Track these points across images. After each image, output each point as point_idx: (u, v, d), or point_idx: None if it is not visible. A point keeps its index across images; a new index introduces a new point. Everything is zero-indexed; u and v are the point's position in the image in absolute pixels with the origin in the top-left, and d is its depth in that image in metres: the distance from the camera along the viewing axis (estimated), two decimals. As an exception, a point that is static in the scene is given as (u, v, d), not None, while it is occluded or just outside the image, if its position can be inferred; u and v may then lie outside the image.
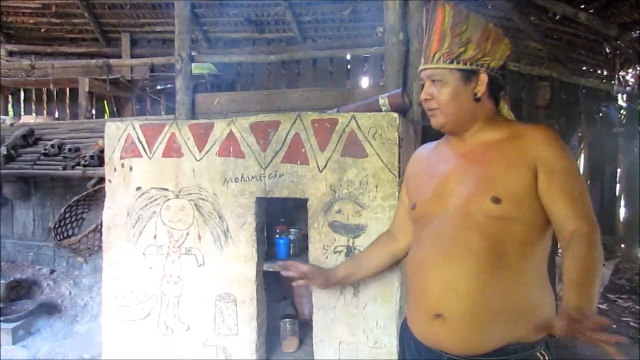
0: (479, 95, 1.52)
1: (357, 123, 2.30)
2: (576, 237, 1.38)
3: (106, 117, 6.60)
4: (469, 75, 1.52)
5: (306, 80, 6.12)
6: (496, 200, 1.41)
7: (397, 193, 2.24)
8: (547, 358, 1.43)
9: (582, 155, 6.15)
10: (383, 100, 2.54)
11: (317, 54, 5.58)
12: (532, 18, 5.20)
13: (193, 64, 3.79)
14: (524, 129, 1.50)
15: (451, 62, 1.51)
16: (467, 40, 1.50)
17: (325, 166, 2.35)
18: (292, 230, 2.80)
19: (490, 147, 1.52)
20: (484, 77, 1.52)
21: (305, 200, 2.40)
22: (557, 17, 5.12)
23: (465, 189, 1.48)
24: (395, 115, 2.29)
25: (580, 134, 6.05)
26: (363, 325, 2.35)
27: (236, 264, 2.51)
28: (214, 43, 6.67)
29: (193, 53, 3.82)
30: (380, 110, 2.51)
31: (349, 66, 6.22)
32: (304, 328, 2.91)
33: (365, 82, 6.13)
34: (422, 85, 1.61)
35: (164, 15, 6.48)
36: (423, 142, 3.32)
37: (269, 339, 2.70)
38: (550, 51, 5.49)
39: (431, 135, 3.49)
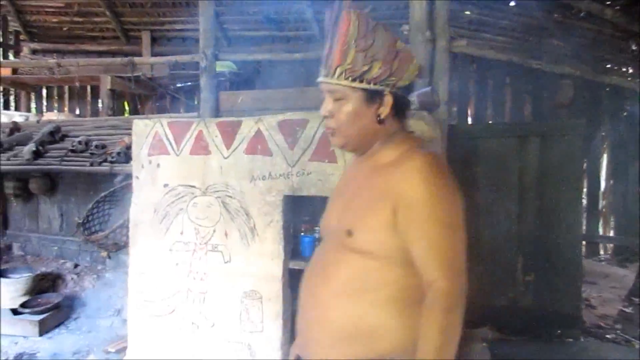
0: (382, 117, 1.39)
1: (386, 121, 2.29)
2: (431, 294, 1.27)
3: (126, 115, 6.67)
4: (373, 96, 1.38)
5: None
6: (349, 233, 1.37)
7: (426, 192, 2.23)
8: None
9: (605, 155, 6.07)
10: (412, 98, 2.52)
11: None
12: (556, 15, 5.14)
13: (215, 62, 3.81)
14: (403, 158, 1.36)
15: (354, 80, 1.37)
16: (372, 57, 1.36)
17: (354, 165, 2.34)
18: (317, 228, 2.80)
19: (374, 172, 1.42)
20: (388, 99, 1.38)
21: (333, 199, 2.40)
22: (581, 14, 5.06)
23: (340, 216, 1.45)
24: (424, 113, 2.28)
25: (603, 134, 5.97)
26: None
27: (262, 261, 2.52)
28: (234, 41, 6.69)
29: (217, 51, 3.84)
30: (409, 109, 2.50)
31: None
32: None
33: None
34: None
35: (184, 13, 6.52)
36: (450, 141, 3.33)
37: (294, 336, 2.71)
38: (573, 49, 5.42)
39: (458, 134, 3.48)
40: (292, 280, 2.61)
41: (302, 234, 2.75)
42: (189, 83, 6.34)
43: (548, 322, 3.39)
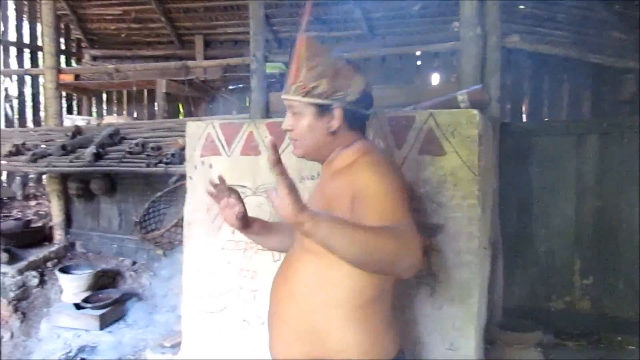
0: (332, 129, 1.51)
1: (435, 120, 2.26)
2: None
3: (181, 117, 6.86)
4: (324, 110, 1.50)
5: (375, 77, 6.08)
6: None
7: (476, 192, 2.19)
8: None
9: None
10: (462, 96, 2.49)
11: (387, 51, 5.54)
12: (617, 6, 4.92)
13: (265, 64, 3.87)
14: (356, 160, 1.46)
15: (305, 96, 1.50)
16: (319, 74, 1.49)
17: (402, 164, 2.32)
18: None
19: (332, 177, 1.52)
20: (338, 112, 1.50)
21: (381, 199, 2.39)
22: (645, 5, 4.82)
23: None
24: (475, 111, 2.23)
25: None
26: (439, 326, 2.31)
27: (311, 260, 2.54)
28: (284, 43, 6.76)
29: (266, 53, 3.90)
30: (459, 107, 2.46)
31: (418, 63, 6.13)
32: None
33: (435, 78, 6.03)
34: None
35: (235, 16, 6.65)
36: (502, 139, 3.25)
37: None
38: (636, 42, 5.17)
39: (511, 132, 3.40)
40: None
41: (351, 233, 2.75)
42: (240, 85, 6.45)
43: (607, 327, 3.25)
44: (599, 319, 3.26)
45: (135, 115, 7.64)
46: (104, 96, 7.88)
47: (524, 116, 5.84)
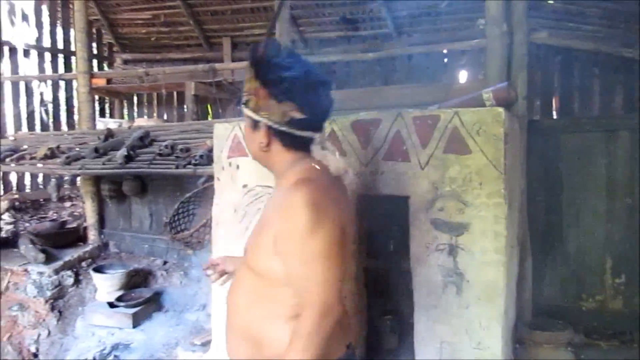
0: (262, 145, 1.55)
1: (460, 119, 2.26)
2: (299, 324, 1.41)
3: (209, 119, 6.96)
4: (255, 124, 1.55)
5: (401, 76, 6.07)
6: (245, 252, 1.59)
7: (502, 190, 2.18)
8: None
9: None
10: (487, 94, 2.47)
11: (414, 50, 5.51)
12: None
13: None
14: (291, 190, 1.44)
15: (244, 105, 1.56)
16: (249, 89, 1.53)
17: (427, 163, 2.32)
18: (393, 227, 2.80)
19: (273, 199, 1.58)
20: (263, 130, 1.53)
21: (407, 198, 2.39)
22: (680, -3, 4.68)
23: (250, 235, 1.64)
24: (500, 109, 2.22)
25: None
26: (465, 325, 2.30)
27: (337, 259, 2.55)
28: (310, 43, 6.80)
29: (292, 54, 3.92)
30: (484, 105, 2.45)
31: (445, 60, 6.08)
32: (403, 325, 2.90)
33: (462, 76, 5.98)
34: None
35: (262, 18, 6.71)
36: (529, 137, 3.21)
37: (368, 335, 2.73)
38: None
39: (537, 130, 3.35)
40: (368, 278, 2.64)
41: (378, 233, 2.76)
42: (267, 86, 6.50)
43: (640, 327, 3.18)
44: (631, 318, 3.18)
45: (165, 117, 7.78)
46: (135, 99, 8.05)
47: (554, 113, 5.73)
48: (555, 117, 5.63)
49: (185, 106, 6.91)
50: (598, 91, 5.53)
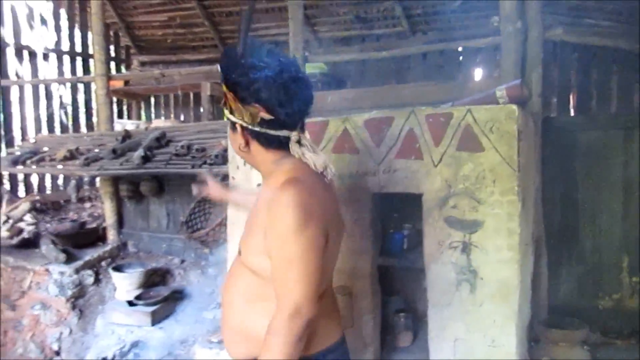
0: (242, 146, 1.59)
1: (473, 116, 2.26)
2: (272, 318, 1.46)
3: (224, 119, 7.00)
4: (234, 125, 1.60)
5: (416, 74, 6.06)
6: (240, 252, 1.63)
7: (516, 188, 2.18)
8: None
9: None
10: (500, 92, 2.46)
11: (428, 48, 5.49)
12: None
13: (306, 64, 3.92)
14: (279, 189, 1.47)
15: (223, 106, 1.62)
16: (223, 94, 1.58)
17: (440, 161, 2.33)
18: (406, 225, 2.81)
19: (263, 198, 1.57)
20: (239, 131, 1.57)
21: (420, 196, 2.40)
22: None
23: (242, 234, 1.67)
24: (514, 107, 2.21)
25: None
26: (480, 323, 2.30)
27: (351, 257, 2.57)
28: (324, 42, 6.81)
29: (306, 53, 3.95)
30: (497, 103, 2.44)
31: (460, 58, 6.06)
32: (417, 323, 2.91)
33: (478, 74, 5.95)
34: None
35: (277, 18, 6.74)
36: (544, 134, 3.19)
37: (383, 332, 2.74)
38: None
39: (553, 128, 3.33)
40: (380, 277, 2.65)
41: (391, 231, 2.77)
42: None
43: (659, 326, 3.14)
44: (649, 317, 3.16)
45: (181, 118, 7.86)
46: (152, 100, 8.15)
47: (571, 110, 5.68)
48: (572, 114, 5.58)
49: (201, 107, 6.97)
50: (616, 88, 5.46)
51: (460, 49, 5.96)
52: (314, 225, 1.45)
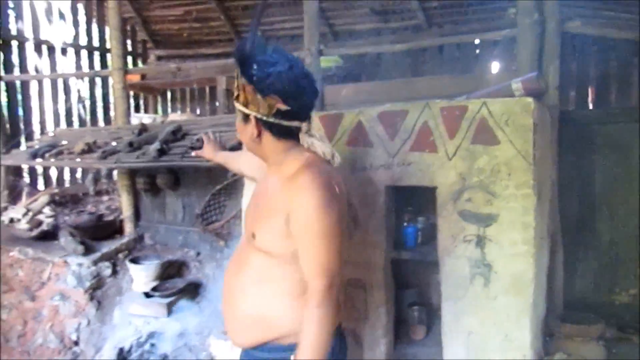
0: (253, 137, 1.67)
1: (488, 109, 2.25)
2: (308, 292, 1.58)
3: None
4: (246, 117, 1.67)
5: (432, 67, 6.02)
6: (253, 236, 1.68)
7: (531, 181, 2.16)
8: None
9: None
10: (516, 85, 2.44)
11: (445, 41, 5.45)
12: (692, -15, 4.61)
13: (321, 57, 3.92)
14: (296, 175, 1.59)
15: (235, 100, 1.68)
16: (240, 86, 1.64)
17: (454, 154, 2.32)
18: (420, 218, 2.81)
19: (276, 184, 1.67)
20: (253, 122, 1.65)
21: (434, 189, 2.40)
22: None
23: (250, 219, 1.78)
24: (530, 100, 2.20)
25: None
26: (493, 317, 2.30)
27: (365, 250, 2.58)
28: (340, 36, 6.80)
29: (321, 47, 3.95)
30: (513, 96, 2.42)
31: (477, 51, 6.00)
32: (431, 316, 2.91)
33: (494, 67, 5.89)
34: None
35: (293, 12, 6.73)
36: (561, 128, 3.16)
37: (396, 325, 2.74)
38: None
39: (570, 121, 3.29)
40: (394, 270, 2.65)
41: (405, 224, 2.77)
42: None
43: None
44: (666, 313, 3.12)
45: (197, 112, 7.90)
46: (169, 94, 8.20)
47: (589, 104, 5.60)
48: (591, 108, 5.50)
49: (216, 101, 7.01)
50: (637, 81, 5.37)
51: (476, 41, 5.91)
52: (336, 202, 1.59)
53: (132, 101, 7.45)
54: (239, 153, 2.48)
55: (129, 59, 7.62)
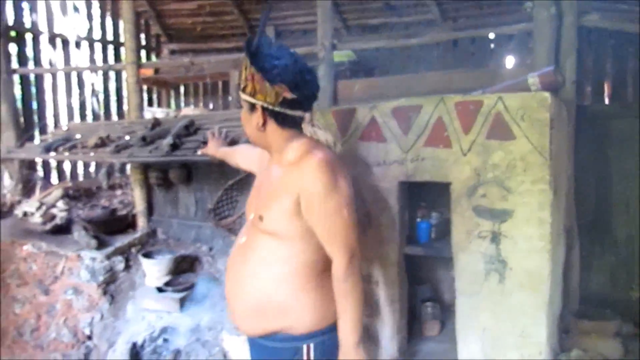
0: (259, 126, 1.76)
1: (503, 104, 2.22)
2: (333, 267, 1.68)
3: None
4: (252, 107, 1.76)
5: (446, 62, 5.95)
6: (261, 218, 1.74)
7: (547, 177, 2.13)
8: (312, 352, 1.74)
9: None
10: (533, 79, 2.41)
11: (459, 35, 5.39)
12: None
13: (334, 52, 3.89)
14: (302, 158, 1.70)
15: (242, 91, 1.77)
16: (246, 77, 1.73)
17: (469, 149, 2.30)
18: (434, 214, 2.79)
19: (280, 169, 1.77)
20: (259, 111, 1.73)
21: (448, 184, 2.37)
22: None
23: (256, 204, 1.84)
24: (546, 94, 2.16)
25: None
26: (508, 313, 2.27)
27: (378, 246, 2.57)
28: (353, 30, 6.76)
29: (334, 41, 3.92)
30: (529, 90, 2.39)
31: (492, 46, 5.93)
32: (445, 312, 2.89)
33: (510, 61, 5.82)
34: None
35: (306, 6, 6.70)
36: (578, 123, 3.11)
37: (410, 321, 2.73)
38: None
39: (586, 116, 3.24)
40: (407, 266, 2.63)
41: (418, 219, 2.75)
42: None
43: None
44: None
45: (210, 106, 7.90)
46: (182, 89, 8.22)
47: (606, 98, 5.52)
48: (607, 102, 5.42)
49: (229, 95, 7.00)
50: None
51: (491, 36, 5.83)
52: (344, 179, 1.70)
53: (145, 95, 7.48)
54: (235, 148, 2.58)
55: (143, 52, 7.63)
